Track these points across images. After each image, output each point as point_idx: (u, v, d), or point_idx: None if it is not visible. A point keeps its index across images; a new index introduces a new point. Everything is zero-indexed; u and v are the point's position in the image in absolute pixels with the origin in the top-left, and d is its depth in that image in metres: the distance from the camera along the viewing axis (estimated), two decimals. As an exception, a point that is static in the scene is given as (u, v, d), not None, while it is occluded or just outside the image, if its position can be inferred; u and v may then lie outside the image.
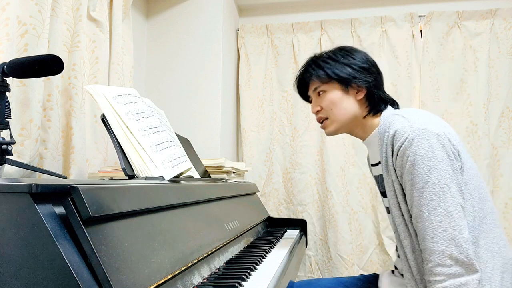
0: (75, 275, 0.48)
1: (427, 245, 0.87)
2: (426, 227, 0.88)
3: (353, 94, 1.08)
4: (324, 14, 2.38)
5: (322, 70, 1.09)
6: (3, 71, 0.86)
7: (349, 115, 1.09)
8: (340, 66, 1.07)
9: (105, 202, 0.57)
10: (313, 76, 1.11)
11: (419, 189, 0.90)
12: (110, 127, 1.06)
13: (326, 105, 1.10)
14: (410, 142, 0.91)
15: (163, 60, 2.13)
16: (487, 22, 2.13)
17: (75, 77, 1.28)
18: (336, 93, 1.08)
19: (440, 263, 0.85)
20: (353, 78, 1.06)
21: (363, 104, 1.09)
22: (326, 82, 1.09)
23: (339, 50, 1.12)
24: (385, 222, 2.15)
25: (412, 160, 0.90)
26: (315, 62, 1.12)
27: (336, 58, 1.09)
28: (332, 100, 1.09)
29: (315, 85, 1.12)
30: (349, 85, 1.07)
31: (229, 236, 1.06)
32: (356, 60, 1.08)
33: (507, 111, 2.11)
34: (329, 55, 1.11)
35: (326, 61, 1.10)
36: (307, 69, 1.13)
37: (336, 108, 1.09)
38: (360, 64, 1.07)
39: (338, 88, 1.08)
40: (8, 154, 0.88)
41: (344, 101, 1.08)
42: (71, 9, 1.31)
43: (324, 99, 1.10)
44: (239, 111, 2.41)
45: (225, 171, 1.63)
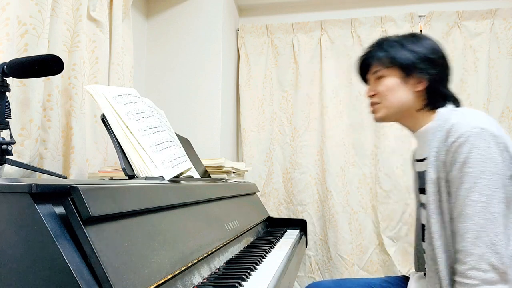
0: (75, 275, 0.48)
1: (466, 246, 0.84)
2: (468, 228, 0.84)
3: (412, 84, 1.03)
4: (324, 14, 2.38)
5: (385, 53, 1.05)
6: (3, 71, 0.86)
7: (401, 105, 1.04)
8: (405, 52, 1.03)
9: (105, 202, 0.57)
10: (375, 59, 1.07)
11: (467, 188, 0.86)
12: (110, 127, 1.06)
13: (382, 90, 1.06)
14: (466, 138, 0.87)
15: (163, 60, 2.13)
16: (487, 22, 2.13)
17: (75, 77, 1.28)
18: (394, 80, 1.04)
19: (476, 266, 0.82)
20: (415, 68, 1.01)
21: (420, 96, 1.03)
22: (387, 67, 1.05)
23: (408, 35, 1.07)
24: (385, 222, 2.15)
25: (465, 157, 0.86)
26: (381, 45, 1.07)
27: (402, 43, 1.04)
28: (389, 86, 1.04)
29: (375, 68, 1.08)
30: (410, 74, 1.02)
31: (229, 236, 1.06)
32: (423, 48, 1.02)
33: (507, 111, 2.11)
34: (397, 39, 1.07)
35: (392, 45, 1.05)
36: (371, 51, 1.09)
37: (391, 95, 1.05)
38: (426, 54, 1.02)
39: (398, 76, 1.04)
40: (8, 154, 0.88)
41: (401, 89, 1.04)
42: (71, 9, 1.31)
43: (381, 84, 1.06)
44: (239, 111, 2.41)
45: (225, 171, 1.63)
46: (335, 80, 2.26)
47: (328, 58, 2.27)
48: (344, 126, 2.24)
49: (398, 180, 2.13)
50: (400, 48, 1.04)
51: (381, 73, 1.06)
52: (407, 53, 1.03)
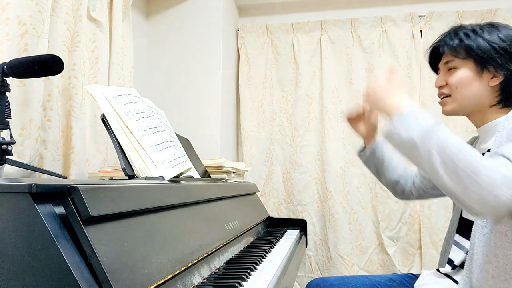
0: (75, 275, 0.48)
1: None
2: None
3: (487, 78, 0.96)
4: (324, 14, 2.38)
5: (460, 43, 0.98)
6: (3, 71, 0.86)
7: (474, 100, 0.98)
8: (482, 43, 0.95)
9: (105, 202, 0.57)
10: (449, 48, 1.00)
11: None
12: (110, 127, 1.06)
13: (453, 82, 0.99)
14: None
15: (163, 60, 2.13)
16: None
17: (75, 77, 1.28)
18: (468, 72, 0.97)
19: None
20: (492, 60, 0.94)
21: (495, 92, 0.97)
22: (461, 58, 0.98)
23: (486, 25, 0.99)
24: (385, 222, 2.15)
25: None
26: (456, 33, 1.00)
27: (480, 33, 0.97)
28: (462, 79, 0.98)
29: (448, 58, 1.01)
30: (485, 67, 0.95)
31: (229, 236, 1.06)
32: (502, 40, 0.95)
33: (507, 111, 2.11)
34: (474, 28, 0.99)
35: (468, 34, 0.98)
36: (445, 39, 1.02)
37: (463, 89, 0.98)
38: (506, 47, 0.94)
39: (472, 68, 0.97)
40: (8, 154, 0.88)
41: (475, 83, 0.97)
42: (71, 9, 1.31)
43: (453, 75, 0.99)
44: (239, 111, 2.41)
45: (225, 171, 1.63)
46: (335, 80, 2.26)
47: (328, 58, 2.27)
48: (344, 126, 2.24)
49: (398, 180, 2.13)
50: (477, 38, 0.96)
51: (454, 64, 1.00)
52: (484, 44, 0.95)
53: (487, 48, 0.95)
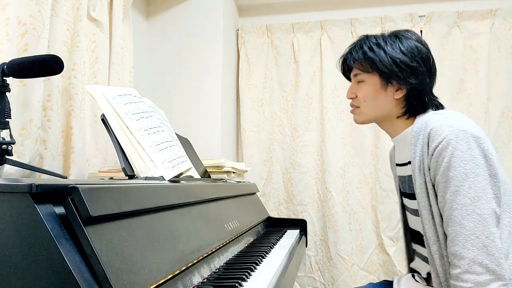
0: (75, 275, 0.48)
1: (457, 250, 0.83)
2: (457, 232, 0.83)
3: (392, 92, 1.00)
4: (324, 14, 2.38)
5: (364, 56, 1.01)
6: (3, 71, 0.86)
7: (380, 112, 1.03)
8: (384, 57, 0.98)
9: (105, 202, 0.57)
10: (355, 62, 1.04)
11: (452, 192, 0.85)
12: (110, 127, 1.06)
13: (361, 96, 1.04)
14: (448, 142, 0.86)
15: (163, 60, 2.13)
16: (487, 22, 2.13)
17: (75, 77, 1.28)
18: (373, 86, 1.01)
19: (469, 270, 0.81)
20: (394, 75, 0.98)
21: (400, 103, 1.01)
22: (367, 72, 1.02)
23: (391, 36, 1.03)
24: (385, 222, 2.15)
25: (448, 161, 0.85)
26: (361, 46, 1.04)
27: (383, 45, 1.00)
28: (368, 93, 1.02)
29: (356, 71, 1.06)
30: (389, 81, 0.99)
31: (229, 236, 1.06)
32: (403, 53, 0.98)
33: (507, 111, 2.11)
34: (377, 40, 1.02)
35: (371, 47, 1.01)
36: (352, 52, 1.06)
37: (370, 102, 1.03)
38: (407, 61, 0.97)
39: (377, 82, 1.01)
40: (8, 154, 0.88)
41: (380, 97, 1.01)
42: (71, 9, 1.31)
43: (361, 89, 1.04)
44: (239, 111, 2.41)
45: (225, 171, 1.63)
46: (335, 80, 2.26)
47: (328, 58, 2.27)
48: (344, 126, 2.24)
49: (398, 180, 2.13)
50: (380, 52, 1.00)
51: (360, 78, 1.04)
52: (386, 58, 0.98)
53: (389, 63, 0.98)
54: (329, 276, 2.19)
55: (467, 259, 0.82)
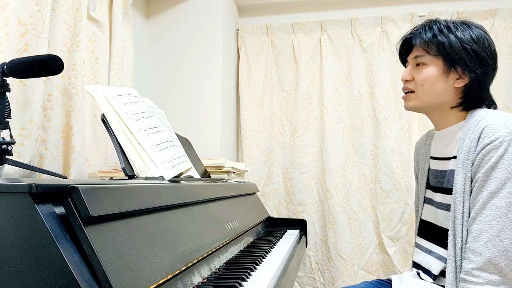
0: (75, 275, 0.48)
1: (478, 247, 0.85)
2: (483, 231, 0.85)
3: (453, 79, 0.97)
4: (324, 14, 2.38)
5: (433, 38, 0.97)
6: (3, 71, 0.86)
7: (437, 100, 0.99)
8: (454, 42, 0.95)
9: (105, 202, 0.57)
10: (421, 42, 0.99)
11: (490, 192, 0.85)
12: (110, 127, 1.06)
13: (420, 79, 1.00)
14: (501, 142, 0.85)
15: (163, 60, 2.13)
16: (487, 22, 2.13)
17: (75, 77, 1.28)
18: (435, 71, 0.97)
19: (483, 267, 0.83)
20: (461, 61, 0.95)
21: (458, 93, 0.98)
22: (431, 55, 0.98)
23: (461, 23, 0.99)
24: (385, 222, 2.15)
25: (495, 161, 0.85)
26: (430, 27, 0.99)
27: (453, 30, 0.96)
28: (428, 76, 0.98)
29: (418, 53, 1.01)
30: (454, 67, 0.96)
31: (229, 236, 1.06)
32: (474, 41, 0.95)
33: (507, 111, 2.11)
34: (448, 24, 0.98)
35: (441, 30, 0.97)
36: (419, 31, 1.01)
37: (428, 87, 0.99)
38: (477, 49, 0.95)
39: (440, 66, 0.97)
40: (8, 154, 0.88)
41: (440, 83, 0.98)
42: (71, 9, 1.31)
43: (421, 72, 1.00)
44: (239, 111, 2.41)
45: (225, 171, 1.63)
46: (335, 80, 2.26)
47: (328, 58, 2.27)
48: (344, 126, 2.24)
49: (398, 180, 2.13)
50: (450, 35, 0.96)
51: (422, 60, 1.00)
52: (456, 43, 0.95)
53: (459, 48, 0.95)
54: (329, 276, 2.19)
55: (484, 257, 0.83)
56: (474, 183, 0.90)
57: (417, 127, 2.17)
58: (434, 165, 1.09)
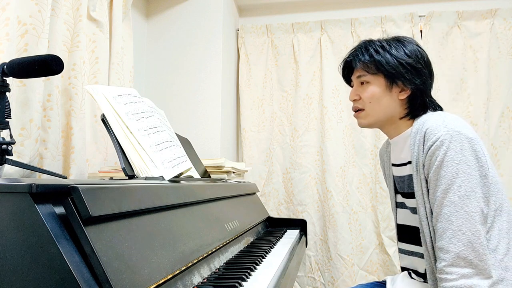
0: (75, 275, 0.48)
1: (444, 244, 0.88)
2: (445, 228, 0.88)
3: (396, 92, 1.03)
4: (324, 14, 2.38)
5: (370, 59, 1.04)
6: (3, 71, 0.86)
7: (386, 113, 1.05)
8: (390, 59, 1.02)
9: (105, 202, 0.57)
10: (360, 63, 1.06)
11: (443, 190, 0.89)
12: (110, 127, 1.06)
13: (366, 97, 1.06)
14: (442, 142, 0.90)
15: (163, 60, 2.13)
16: (487, 22, 2.13)
17: (75, 77, 1.28)
18: (378, 87, 1.04)
19: (453, 263, 0.86)
20: (400, 75, 1.01)
21: (404, 105, 1.04)
22: (372, 73, 1.04)
23: (394, 39, 1.06)
24: (385, 222, 2.15)
25: (441, 160, 0.90)
26: (367, 49, 1.06)
27: (388, 48, 1.03)
28: (373, 94, 1.04)
29: (360, 73, 1.07)
30: (395, 82, 1.02)
31: (229, 236, 1.06)
32: (408, 56, 1.02)
33: (507, 111, 2.11)
34: (382, 44, 1.05)
35: (377, 50, 1.04)
36: (357, 54, 1.08)
37: (375, 104, 1.05)
38: (412, 63, 1.01)
39: (382, 83, 1.04)
40: (8, 154, 0.88)
41: (385, 98, 1.04)
42: (71, 9, 1.31)
43: (366, 90, 1.06)
44: (239, 111, 2.41)
45: (225, 171, 1.63)
46: (335, 80, 2.26)
47: (328, 58, 2.27)
48: (344, 126, 2.24)
49: (398, 180, 2.13)
50: (386, 54, 1.03)
51: (365, 79, 1.06)
52: (393, 60, 1.02)
53: (395, 64, 1.01)
54: (329, 276, 2.19)
55: (452, 253, 0.86)
56: (428, 183, 0.94)
57: (417, 127, 2.17)
58: (396, 171, 1.14)
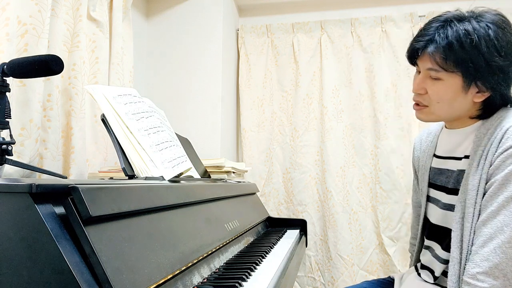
0: (75, 275, 0.48)
1: (486, 252, 0.83)
2: (493, 236, 0.82)
3: (472, 94, 0.87)
4: (324, 14, 2.38)
5: (452, 55, 0.84)
6: (3, 71, 0.86)
7: (453, 114, 0.92)
8: (478, 59, 0.83)
9: (105, 202, 0.57)
10: (436, 55, 0.86)
11: (507, 197, 0.81)
12: (110, 127, 1.06)
13: (435, 95, 0.89)
14: None
15: (163, 60, 2.13)
16: (487, 22, 2.13)
17: (75, 77, 1.28)
18: (453, 87, 0.87)
19: (489, 272, 0.82)
20: (483, 78, 0.85)
21: (477, 106, 0.90)
22: (449, 71, 0.86)
23: (484, 27, 0.84)
24: (385, 222, 2.15)
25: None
26: (447, 37, 0.84)
27: (478, 44, 0.83)
28: (445, 94, 0.88)
29: (431, 65, 0.88)
30: (474, 83, 0.85)
31: (229, 236, 1.06)
32: (502, 57, 0.83)
33: (507, 111, 2.11)
34: (470, 35, 0.83)
35: (463, 45, 0.83)
36: (433, 40, 0.86)
37: (445, 104, 0.89)
38: (505, 67, 0.83)
39: (459, 83, 0.86)
40: (8, 154, 0.88)
41: (459, 99, 0.88)
42: (71, 9, 1.31)
43: (435, 87, 0.89)
44: (239, 111, 2.41)
45: (225, 171, 1.63)
46: (335, 80, 2.26)
47: (328, 58, 2.27)
48: (344, 126, 2.24)
49: (398, 180, 2.13)
50: (474, 52, 0.83)
51: (437, 75, 0.88)
52: (480, 61, 0.83)
53: (483, 66, 0.83)
54: (329, 276, 2.19)
55: (492, 262, 0.82)
56: (489, 185, 0.85)
57: (417, 127, 2.17)
58: (438, 163, 1.05)
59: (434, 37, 0.87)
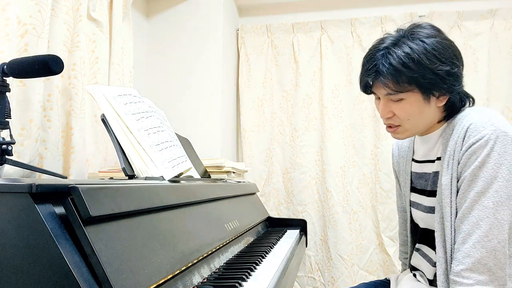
0: (75, 275, 0.48)
1: (466, 248, 0.84)
2: (471, 232, 0.84)
3: (434, 101, 0.92)
4: (324, 14, 2.38)
5: (403, 77, 0.88)
6: (3, 71, 0.86)
7: (426, 124, 0.97)
8: (426, 74, 0.87)
9: (105, 202, 0.57)
10: (388, 82, 0.90)
11: (477, 192, 0.84)
12: (110, 127, 1.06)
13: (403, 115, 0.94)
14: (486, 141, 0.83)
15: (163, 60, 2.13)
16: (487, 22, 2.13)
17: (75, 77, 1.28)
18: (416, 102, 0.91)
19: (472, 268, 0.83)
20: (438, 86, 0.89)
21: (441, 109, 0.96)
22: (405, 91, 0.90)
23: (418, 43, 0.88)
24: (385, 222, 2.15)
25: (482, 160, 0.84)
26: (391, 63, 0.89)
27: (420, 60, 0.87)
28: (411, 109, 0.92)
29: (387, 91, 0.92)
30: (432, 93, 0.90)
31: (229, 236, 1.06)
32: (443, 63, 0.88)
33: (507, 111, 2.11)
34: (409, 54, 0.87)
35: (407, 65, 0.87)
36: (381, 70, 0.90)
37: (415, 119, 0.94)
38: (449, 70, 0.88)
39: (418, 97, 0.91)
40: (8, 154, 0.88)
41: (425, 110, 0.93)
42: (71, 9, 1.31)
43: (401, 107, 0.93)
44: (239, 111, 2.41)
45: (225, 171, 1.63)
46: (335, 80, 2.26)
47: (328, 58, 2.27)
48: (344, 126, 2.24)
49: (398, 180, 2.13)
50: (419, 68, 0.87)
51: (398, 97, 0.92)
52: (428, 74, 0.87)
53: (433, 77, 0.88)
54: (329, 276, 2.19)
55: (473, 258, 0.83)
56: (460, 182, 0.88)
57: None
58: (416, 168, 1.08)
59: (379, 67, 0.91)
